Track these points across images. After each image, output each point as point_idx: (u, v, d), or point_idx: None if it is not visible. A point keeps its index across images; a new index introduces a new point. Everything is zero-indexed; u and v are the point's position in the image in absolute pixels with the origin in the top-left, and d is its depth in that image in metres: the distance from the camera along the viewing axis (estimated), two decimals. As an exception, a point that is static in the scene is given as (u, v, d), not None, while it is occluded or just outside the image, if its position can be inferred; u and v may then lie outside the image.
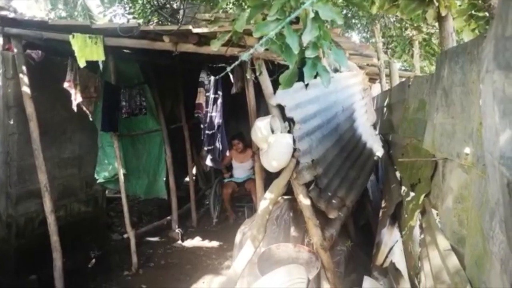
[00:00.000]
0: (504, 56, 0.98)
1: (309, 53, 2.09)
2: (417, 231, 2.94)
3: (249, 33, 3.19)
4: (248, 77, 3.82)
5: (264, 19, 2.11)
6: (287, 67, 2.37)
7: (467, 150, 1.95)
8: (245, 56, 2.06)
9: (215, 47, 2.21)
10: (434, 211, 2.63)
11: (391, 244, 3.41)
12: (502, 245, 1.17)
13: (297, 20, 2.29)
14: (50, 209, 4.08)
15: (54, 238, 4.06)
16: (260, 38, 2.03)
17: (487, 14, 2.85)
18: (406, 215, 3.32)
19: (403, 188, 3.64)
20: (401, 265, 3.06)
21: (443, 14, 2.82)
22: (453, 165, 2.25)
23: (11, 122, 4.30)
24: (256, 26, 1.94)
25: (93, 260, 4.93)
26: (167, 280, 4.58)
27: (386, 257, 3.38)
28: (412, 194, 3.25)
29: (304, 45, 2.00)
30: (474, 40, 1.99)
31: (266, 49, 3.56)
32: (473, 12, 2.96)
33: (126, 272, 4.81)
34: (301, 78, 2.35)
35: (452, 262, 1.98)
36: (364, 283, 3.08)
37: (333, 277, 3.57)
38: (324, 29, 2.00)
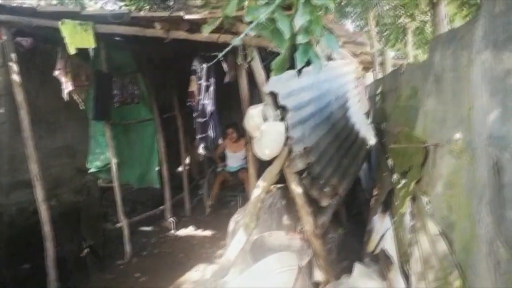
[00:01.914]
0: (493, 35, 0.97)
1: (300, 39, 2.07)
2: (407, 218, 2.96)
3: (241, 19, 3.16)
4: (240, 63, 3.79)
5: (255, 3, 2.09)
6: (278, 54, 2.35)
7: (457, 135, 1.96)
8: (236, 41, 2.04)
9: (206, 32, 2.18)
10: (424, 198, 2.65)
11: (382, 231, 3.43)
12: (488, 228, 1.18)
13: (288, 6, 2.27)
14: (42, 198, 4.05)
15: (46, 228, 4.04)
16: (251, 23, 2.01)
17: (478, 0, 2.84)
18: (397, 202, 3.34)
19: (395, 175, 3.66)
20: (392, 252, 3.08)
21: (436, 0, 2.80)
22: (443, 151, 2.26)
23: (1, 111, 4.24)
24: (247, 10, 1.92)
25: (86, 249, 4.92)
26: (160, 268, 4.59)
27: (378, 244, 3.41)
28: (403, 181, 3.27)
29: (296, 30, 1.98)
30: (465, 24, 1.98)
31: (258, 36, 3.54)
32: (464, -2, 2.96)
33: (120, 261, 4.82)
34: (293, 65, 2.34)
35: (441, 247, 2.00)
36: (354, 270, 3.11)
37: (325, 264, 3.60)
38: (316, 13, 1.98)
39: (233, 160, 6.33)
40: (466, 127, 1.85)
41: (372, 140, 5.46)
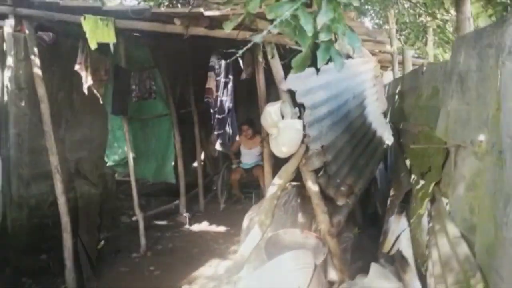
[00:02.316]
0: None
1: (323, 36, 2.06)
2: (425, 219, 2.93)
3: (261, 16, 3.16)
4: (260, 60, 3.79)
5: (277, 0, 2.08)
6: (298, 52, 2.34)
7: (481, 137, 1.92)
8: (257, 38, 2.03)
9: (227, 29, 2.18)
10: (444, 199, 2.61)
11: (398, 232, 3.40)
12: (517, 231, 1.15)
13: (311, 2, 2.25)
14: (61, 190, 4.12)
15: (65, 219, 4.11)
16: (273, 20, 2.00)
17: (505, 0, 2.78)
18: (415, 204, 3.31)
19: (413, 176, 3.62)
20: (408, 253, 3.05)
21: (461, -2, 2.76)
22: (466, 153, 2.22)
23: (23, 104, 4.32)
24: (269, 8, 1.91)
25: (102, 242, 5.00)
26: (174, 263, 4.63)
27: (393, 245, 3.38)
28: (422, 182, 3.23)
29: (319, 27, 1.96)
30: (494, 24, 1.94)
31: (279, 33, 3.53)
32: (491, -4, 2.89)
33: (134, 254, 4.87)
34: (313, 63, 2.32)
35: (462, 249, 1.97)
36: (371, 270, 3.08)
37: (340, 263, 3.58)
38: (339, 11, 1.96)
39: (248, 157, 6.34)
40: (491, 128, 1.81)
41: (389, 139, 5.40)
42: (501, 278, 1.39)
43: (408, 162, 4.04)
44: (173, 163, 5.84)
